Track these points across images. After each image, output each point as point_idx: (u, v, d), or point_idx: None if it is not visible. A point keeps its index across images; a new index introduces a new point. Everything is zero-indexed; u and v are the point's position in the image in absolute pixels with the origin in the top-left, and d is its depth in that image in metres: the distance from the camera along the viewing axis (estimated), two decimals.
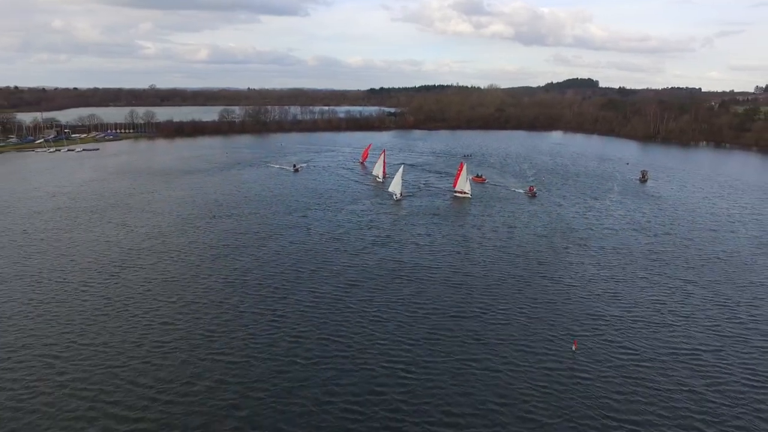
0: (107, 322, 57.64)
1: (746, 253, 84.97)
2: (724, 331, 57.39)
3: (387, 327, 57.15)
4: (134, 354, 50.83)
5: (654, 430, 40.54)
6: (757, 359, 51.57)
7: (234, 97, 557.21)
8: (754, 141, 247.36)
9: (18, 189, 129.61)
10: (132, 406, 42.50)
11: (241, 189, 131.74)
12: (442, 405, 43.27)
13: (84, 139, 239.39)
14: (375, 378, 47.21)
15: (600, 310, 62.39)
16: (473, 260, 79.45)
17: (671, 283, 71.39)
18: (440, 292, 67.04)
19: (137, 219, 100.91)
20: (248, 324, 57.45)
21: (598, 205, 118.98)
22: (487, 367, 49.27)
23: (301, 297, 64.73)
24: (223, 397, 43.83)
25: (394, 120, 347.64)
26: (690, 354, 52.36)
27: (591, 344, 54.07)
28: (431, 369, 48.82)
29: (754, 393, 45.67)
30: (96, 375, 47.09)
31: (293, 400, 43.66)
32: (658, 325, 58.80)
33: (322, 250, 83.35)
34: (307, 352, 51.64)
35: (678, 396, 45.05)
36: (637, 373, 48.59)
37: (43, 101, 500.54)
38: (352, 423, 40.94)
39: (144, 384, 45.68)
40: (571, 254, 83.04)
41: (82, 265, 75.54)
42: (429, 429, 40.30)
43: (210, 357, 50.42)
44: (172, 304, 62.30)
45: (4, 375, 47.09)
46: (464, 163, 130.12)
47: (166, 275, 71.76)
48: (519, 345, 53.87)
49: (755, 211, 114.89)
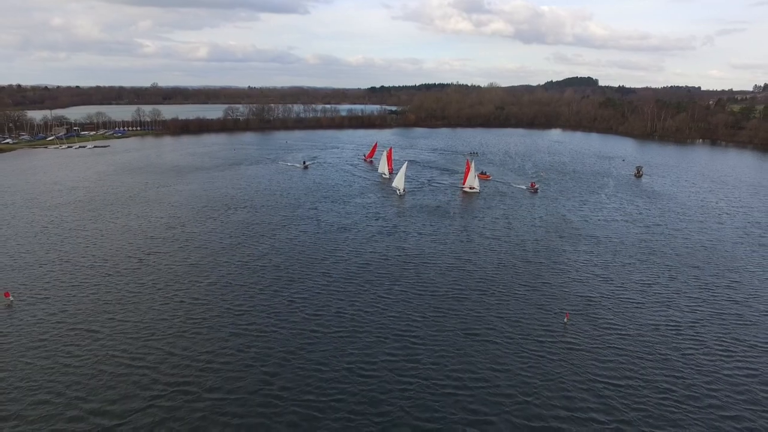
0: (140, 301, 63.24)
1: (730, 242, 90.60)
2: (702, 310, 63.01)
3: (396, 305, 62.76)
4: (167, 328, 56.48)
5: (633, 392, 46.10)
6: (731, 334, 57.21)
7: (235, 96, 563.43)
8: (748, 139, 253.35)
9: (39, 183, 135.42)
10: (168, 372, 48.19)
11: (252, 184, 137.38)
12: (446, 371, 48.89)
13: (93, 137, 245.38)
14: (386, 347, 52.86)
15: (590, 290, 68.17)
16: (475, 247, 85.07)
17: (657, 268, 77.09)
18: (444, 275, 72.69)
19: (156, 210, 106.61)
20: (269, 302, 63.08)
21: (594, 198, 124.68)
22: (486, 339, 54.93)
23: (316, 278, 70.43)
24: (250, 363, 49.56)
25: (396, 118, 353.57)
26: (670, 328, 57.98)
27: (581, 318, 59.80)
28: (437, 340, 54.48)
29: (725, 363, 51.41)
30: (134, 346, 52.80)
31: (313, 359, 49.39)
32: (642, 303, 64.51)
33: (333, 238, 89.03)
34: (326, 322, 57.36)
35: (657, 365, 50.70)
36: (621, 344, 54.24)
37: (46, 99, 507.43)
38: (366, 384, 46.56)
39: (178, 354, 51.34)
40: (567, 243, 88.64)
41: (111, 251, 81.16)
42: (435, 391, 45.88)
43: (237, 330, 56.07)
44: (198, 285, 67.94)
45: (55, 345, 52.73)
46: (470, 160, 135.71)
47: (190, 260, 77.39)
48: (515, 319, 59.60)
49: (743, 205, 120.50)
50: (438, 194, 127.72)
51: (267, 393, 44.77)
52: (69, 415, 41.56)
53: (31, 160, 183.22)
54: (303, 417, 41.62)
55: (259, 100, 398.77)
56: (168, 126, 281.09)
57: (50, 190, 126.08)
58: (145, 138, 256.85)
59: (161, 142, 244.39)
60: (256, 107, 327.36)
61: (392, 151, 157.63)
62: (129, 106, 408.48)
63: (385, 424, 40.98)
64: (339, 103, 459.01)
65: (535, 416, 42.13)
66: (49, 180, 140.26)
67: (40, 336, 54.27)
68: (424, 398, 44.33)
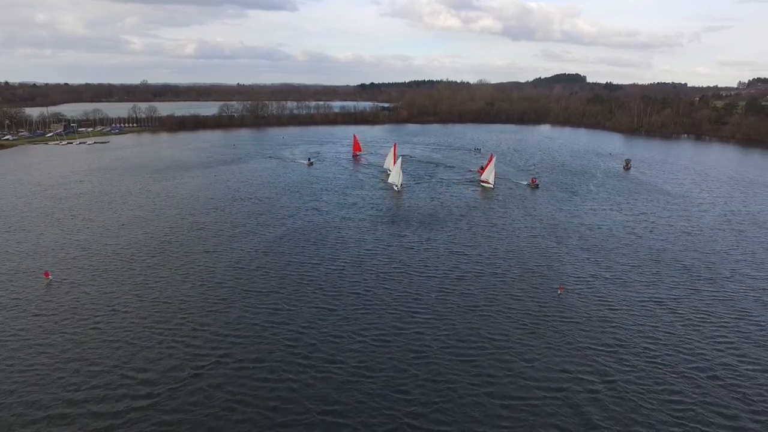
0: (159, 282, 68.11)
1: (710, 229, 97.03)
2: (682, 287, 69.08)
3: (401, 283, 68.25)
4: (187, 307, 61.53)
5: (616, 356, 51.77)
6: (707, 308, 63.39)
7: (226, 93, 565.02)
8: (731, 134, 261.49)
9: (49, 176, 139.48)
10: (192, 345, 53.37)
11: (256, 178, 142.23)
12: (450, 338, 54.42)
13: (91, 133, 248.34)
14: (396, 318, 58.32)
15: (581, 269, 74.31)
16: (474, 234, 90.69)
17: (643, 251, 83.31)
18: (444, 258, 78.27)
19: (166, 202, 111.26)
20: (278, 283, 68.29)
21: (585, 189, 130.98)
22: (487, 310, 60.56)
23: (324, 262, 75.78)
24: (264, 335, 54.86)
25: (388, 114, 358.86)
26: (654, 302, 63.96)
27: (572, 293, 65.69)
28: (441, 313, 60.00)
29: (701, 331, 57.48)
30: (155, 323, 57.87)
31: (323, 329, 54.71)
32: (628, 281, 70.62)
33: (336, 226, 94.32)
34: (335, 300, 62.72)
35: (637, 334, 56.60)
36: (609, 316, 60.15)
37: (36, 96, 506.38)
38: (379, 349, 51.95)
39: (201, 329, 56.48)
40: (559, 230, 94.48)
41: (127, 239, 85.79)
42: (444, 351, 51.38)
43: (251, 307, 61.36)
44: (213, 268, 72.90)
45: (89, 319, 57.67)
46: (492, 154, 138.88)
47: (203, 246, 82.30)
48: (513, 292, 65.59)
49: (724, 195, 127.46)
50: (437, 188, 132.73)
51: (293, 354, 50.10)
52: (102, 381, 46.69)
53: (34, 155, 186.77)
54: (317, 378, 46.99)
55: (251, 96, 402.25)
56: (164, 123, 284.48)
57: (60, 183, 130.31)
58: (142, 135, 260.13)
59: (159, 138, 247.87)
60: (251, 104, 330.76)
61: (396, 146, 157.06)
62: (121, 104, 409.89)
63: (392, 386, 46.39)
64: (330, 100, 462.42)
65: (533, 378, 47.68)
66: (57, 173, 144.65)
67: (75, 311, 59.19)
68: (432, 364, 49.83)
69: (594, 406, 43.29)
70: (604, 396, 44.74)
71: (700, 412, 42.92)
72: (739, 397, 45.04)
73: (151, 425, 40.41)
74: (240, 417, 41.43)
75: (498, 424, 41.09)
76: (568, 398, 44.37)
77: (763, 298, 65.83)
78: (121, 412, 41.80)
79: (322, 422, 40.96)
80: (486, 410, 42.65)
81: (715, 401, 44.30)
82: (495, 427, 40.85)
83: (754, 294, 67.07)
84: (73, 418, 41.18)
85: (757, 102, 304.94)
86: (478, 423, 41.19)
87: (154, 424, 40.56)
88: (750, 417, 42.47)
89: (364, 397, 44.02)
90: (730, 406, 43.77)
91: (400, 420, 41.32)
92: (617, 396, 44.80)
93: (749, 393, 45.59)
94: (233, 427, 40.34)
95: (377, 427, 40.66)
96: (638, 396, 44.80)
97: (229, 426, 40.44)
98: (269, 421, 41.12)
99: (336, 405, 43.03)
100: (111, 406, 42.43)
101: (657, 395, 44.99)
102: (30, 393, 44.27)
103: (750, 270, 75.80)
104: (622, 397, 44.58)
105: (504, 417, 41.94)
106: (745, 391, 45.78)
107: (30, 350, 51.09)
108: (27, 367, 48.19)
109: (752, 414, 42.84)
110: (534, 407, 43.14)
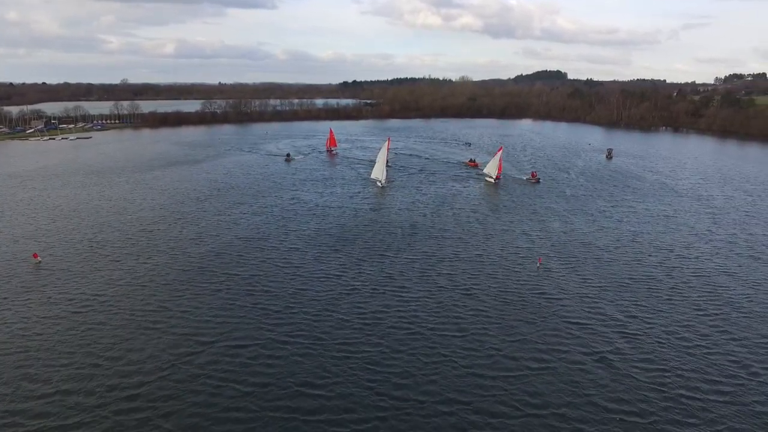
0: (152, 269, 68.68)
1: (686, 212, 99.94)
2: (659, 266, 71.29)
3: (391, 265, 69.69)
4: (183, 294, 62.40)
5: (590, 327, 53.60)
6: (685, 284, 65.76)
7: (208, 92, 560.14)
8: (707, 126, 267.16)
9: (31, 170, 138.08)
10: (188, 326, 54.24)
11: (240, 170, 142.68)
12: (437, 310, 56.02)
13: (73, 129, 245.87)
14: (384, 299, 59.66)
15: (559, 246, 77.32)
16: (458, 219, 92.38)
17: (622, 231, 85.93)
18: (429, 244, 79.79)
19: (149, 193, 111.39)
20: (258, 269, 69.33)
21: (567, 177, 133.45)
22: (470, 285, 62.20)
23: (318, 248, 76.93)
24: (259, 319, 55.86)
25: (371, 110, 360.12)
26: (628, 280, 66.02)
27: (550, 267, 67.72)
28: (424, 289, 61.55)
29: (675, 305, 59.79)
30: (157, 306, 58.60)
31: (313, 306, 55.94)
32: (604, 259, 73.02)
33: (321, 213, 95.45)
34: (317, 283, 63.90)
35: (612, 308, 58.67)
36: (584, 289, 62.29)
37: (13, 95, 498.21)
38: (376, 329, 53.25)
39: (196, 312, 57.43)
40: (541, 211, 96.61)
41: (120, 229, 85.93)
42: (437, 326, 52.87)
43: (244, 291, 62.45)
44: (203, 255, 73.53)
45: (79, 299, 58.14)
46: (500, 147, 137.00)
47: (189, 233, 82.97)
48: (493, 266, 68.30)
49: (699, 181, 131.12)
50: (423, 182, 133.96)
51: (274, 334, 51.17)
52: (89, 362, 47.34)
53: (16, 150, 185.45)
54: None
55: (233, 95, 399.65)
56: (146, 119, 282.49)
57: (42, 176, 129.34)
58: (124, 131, 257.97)
59: (141, 134, 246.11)
60: (234, 101, 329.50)
61: (390, 141, 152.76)
62: (101, 102, 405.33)
63: (382, 364, 47.74)
64: (313, 98, 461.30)
65: (516, 350, 49.19)
66: (39, 166, 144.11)
67: (65, 291, 59.58)
68: (420, 343, 51.29)
69: (580, 376, 45.08)
70: (590, 367, 46.53)
71: (680, 377, 44.83)
72: (716, 361, 47.11)
73: (136, 410, 40.36)
74: (228, 400, 42.15)
75: (483, 394, 42.63)
76: (555, 369, 46.10)
77: (733, 271, 69.00)
78: (104, 397, 42.09)
79: (303, 396, 42.08)
80: (471, 381, 44.22)
81: (695, 367, 46.09)
82: (480, 396, 42.36)
83: (727, 269, 69.86)
84: (53, 403, 40.79)
85: (732, 95, 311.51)
86: (463, 393, 42.66)
87: (139, 409, 40.23)
88: (729, 381, 44.46)
89: (348, 374, 44.67)
90: (707, 371, 45.67)
91: (383, 394, 42.25)
92: (604, 366, 46.65)
93: (729, 358, 47.73)
94: (221, 413, 41.01)
95: (363, 399, 41.83)
96: (624, 365, 46.70)
97: (217, 411, 40.40)
98: (259, 401, 42.16)
99: (322, 379, 44.12)
100: (91, 392, 42.98)
101: (641, 364, 46.96)
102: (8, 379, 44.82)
103: (725, 248, 78.57)
104: (610, 366, 46.44)
105: (490, 387, 43.52)
106: (724, 357, 47.89)
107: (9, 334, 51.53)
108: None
109: (731, 378, 44.86)
110: (520, 379, 44.80)
